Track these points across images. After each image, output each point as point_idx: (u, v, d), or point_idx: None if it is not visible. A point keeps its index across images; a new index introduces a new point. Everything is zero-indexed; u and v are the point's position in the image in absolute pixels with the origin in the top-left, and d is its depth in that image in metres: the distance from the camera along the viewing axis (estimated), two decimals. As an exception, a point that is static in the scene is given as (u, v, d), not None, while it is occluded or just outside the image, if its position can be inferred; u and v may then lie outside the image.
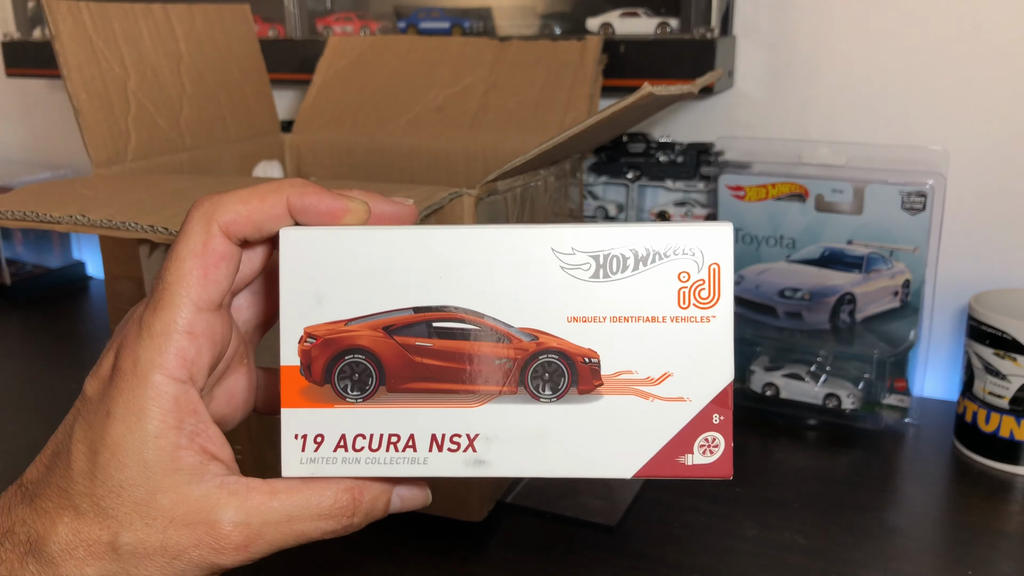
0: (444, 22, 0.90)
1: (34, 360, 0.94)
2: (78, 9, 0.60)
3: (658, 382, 0.33)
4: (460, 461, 0.33)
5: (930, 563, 0.56)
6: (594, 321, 0.33)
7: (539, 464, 0.33)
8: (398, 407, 0.34)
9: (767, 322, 0.76)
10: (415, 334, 0.34)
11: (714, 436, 0.33)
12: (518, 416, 0.33)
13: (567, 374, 0.33)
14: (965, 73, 0.76)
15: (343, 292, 0.33)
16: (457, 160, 0.77)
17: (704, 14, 0.78)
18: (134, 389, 0.31)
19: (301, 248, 0.33)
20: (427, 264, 0.33)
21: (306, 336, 0.34)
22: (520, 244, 0.33)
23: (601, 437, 0.33)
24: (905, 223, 0.70)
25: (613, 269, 0.33)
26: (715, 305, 0.33)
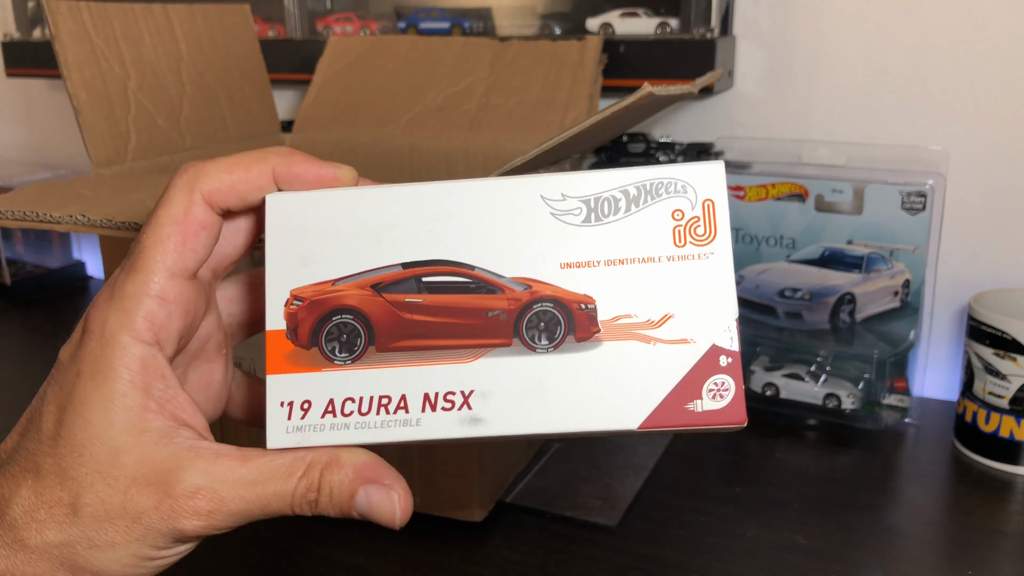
0: (444, 22, 0.90)
1: (34, 360, 0.94)
2: (78, 9, 0.60)
3: (659, 324, 0.31)
4: (455, 420, 0.31)
5: (930, 563, 0.56)
6: (588, 266, 0.32)
7: (539, 419, 0.31)
8: (389, 367, 0.32)
9: (767, 322, 0.76)
10: (404, 290, 0.32)
11: (723, 379, 0.31)
12: (514, 368, 0.31)
13: (563, 322, 0.32)
14: (965, 73, 0.76)
15: (330, 252, 0.32)
16: (457, 160, 0.77)
17: (704, 14, 0.78)
18: (102, 349, 0.30)
19: (287, 211, 0.32)
20: (415, 219, 0.32)
21: (292, 298, 0.32)
22: (509, 193, 0.32)
23: (603, 386, 0.31)
24: (905, 223, 0.70)
25: (604, 212, 0.32)
26: (712, 241, 0.32)
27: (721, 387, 0.31)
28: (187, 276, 0.31)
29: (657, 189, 0.32)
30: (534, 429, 0.31)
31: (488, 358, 0.32)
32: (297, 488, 0.31)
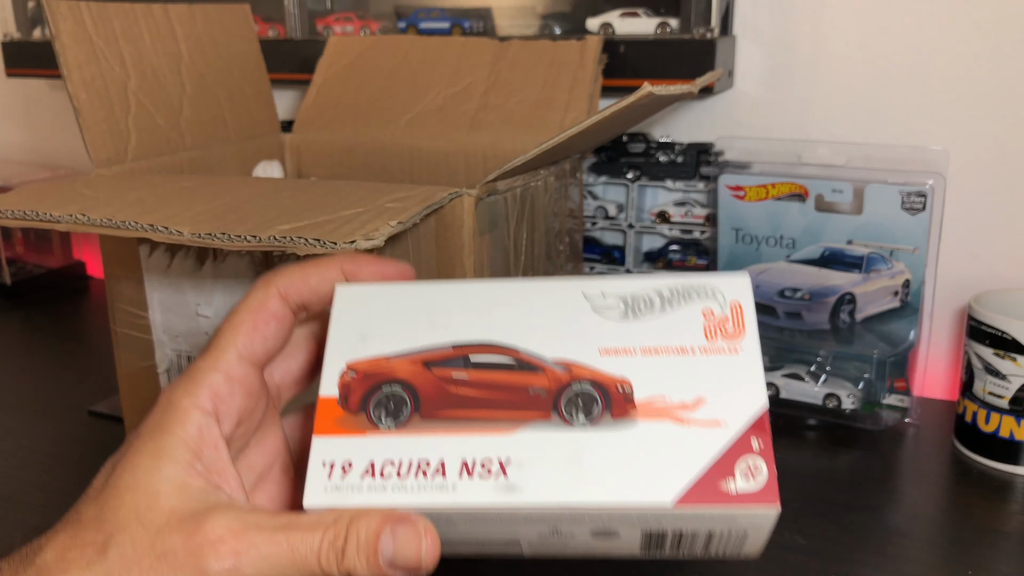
0: (444, 22, 0.90)
1: (34, 360, 0.94)
2: (78, 9, 0.60)
3: (692, 407, 0.33)
4: (491, 487, 0.32)
5: (930, 563, 0.56)
6: (626, 353, 0.34)
7: (574, 489, 0.32)
8: (431, 435, 0.33)
9: (767, 322, 0.76)
10: (452, 367, 0.35)
11: (755, 461, 0.32)
12: (552, 440, 0.33)
13: (600, 400, 0.34)
14: (965, 73, 0.76)
15: (387, 332, 0.35)
16: (457, 160, 0.77)
17: (704, 14, 0.78)
18: (164, 412, 0.32)
19: (352, 296, 0.36)
20: (467, 307, 0.36)
21: (348, 370, 0.35)
22: (553, 290, 0.36)
23: (638, 461, 0.32)
24: (905, 223, 0.70)
25: (641, 309, 0.35)
26: (741, 338, 0.35)
27: (753, 468, 0.32)
28: (255, 362, 0.34)
29: (689, 292, 0.36)
30: (568, 499, 0.31)
31: (527, 431, 0.33)
32: (325, 536, 0.31)
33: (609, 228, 0.87)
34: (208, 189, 0.54)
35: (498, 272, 0.58)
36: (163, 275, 0.63)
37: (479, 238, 0.54)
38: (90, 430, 0.77)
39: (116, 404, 0.77)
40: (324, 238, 0.43)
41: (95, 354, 0.94)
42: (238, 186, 0.54)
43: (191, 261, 0.61)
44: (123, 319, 0.65)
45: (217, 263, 0.61)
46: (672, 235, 0.85)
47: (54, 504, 0.65)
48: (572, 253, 0.73)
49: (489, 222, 0.55)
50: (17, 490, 0.67)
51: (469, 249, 0.54)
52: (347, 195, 0.50)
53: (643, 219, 0.86)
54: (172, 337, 0.64)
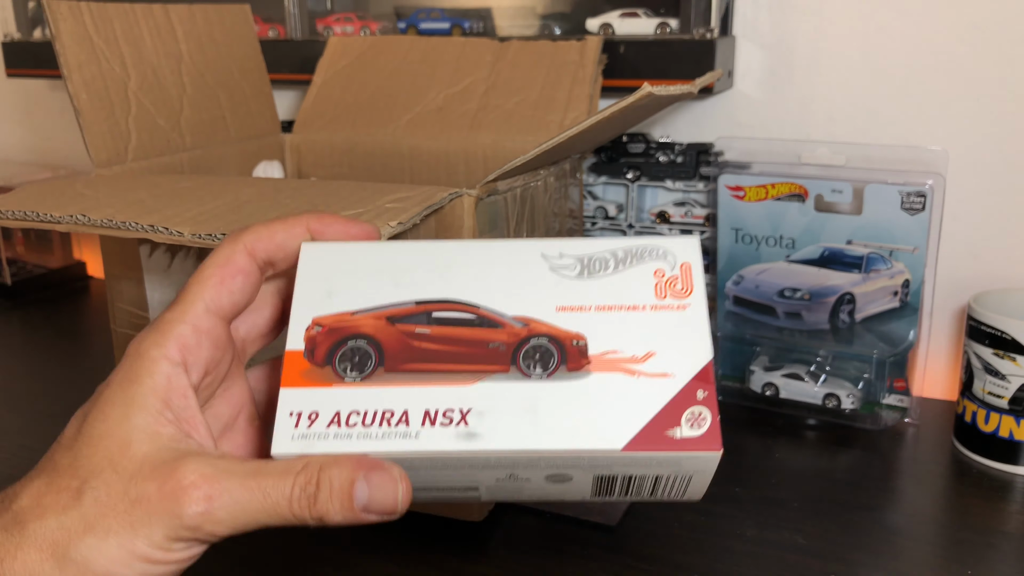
0: (444, 22, 0.90)
1: (35, 360, 0.94)
2: (79, 9, 0.61)
3: (643, 360, 0.35)
4: (452, 434, 0.34)
5: (930, 563, 0.56)
6: (580, 310, 0.36)
7: (530, 436, 0.33)
8: (394, 386, 0.35)
9: (767, 322, 0.76)
10: (415, 322, 0.36)
11: (700, 410, 0.34)
12: (510, 391, 0.35)
13: (556, 354, 0.36)
14: (964, 73, 0.76)
15: (352, 289, 0.36)
16: (457, 160, 0.77)
17: (704, 14, 0.78)
18: (132, 362, 0.33)
19: (318, 255, 0.37)
20: (429, 266, 0.37)
21: (314, 324, 0.36)
22: (513, 250, 0.38)
23: (591, 410, 0.34)
24: (904, 223, 0.70)
25: (596, 269, 0.37)
26: (689, 295, 0.37)
27: (698, 417, 0.34)
28: (221, 315, 0.35)
29: (642, 253, 0.38)
30: (525, 445, 0.33)
31: (486, 382, 0.35)
32: (296, 482, 0.31)
33: (609, 228, 0.87)
34: (208, 189, 0.54)
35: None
36: (163, 275, 0.63)
37: (479, 238, 0.54)
38: (90, 430, 0.77)
39: (116, 404, 0.77)
40: None
41: (95, 354, 0.94)
42: (238, 186, 0.55)
43: (191, 261, 0.61)
44: (123, 319, 0.65)
45: (217, 263, 0.61)
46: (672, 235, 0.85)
47: (54, 504, 0.65)
48: (572, 253, 0.74)
49: (489, 222, 0.56)
50: (17, 490, 0.67)
51: (469, 249, 0.54)
52: (347, 195, 0.51)
53: (643, 219, 0.86)
54: (172, 337, 0.64)
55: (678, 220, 0.84)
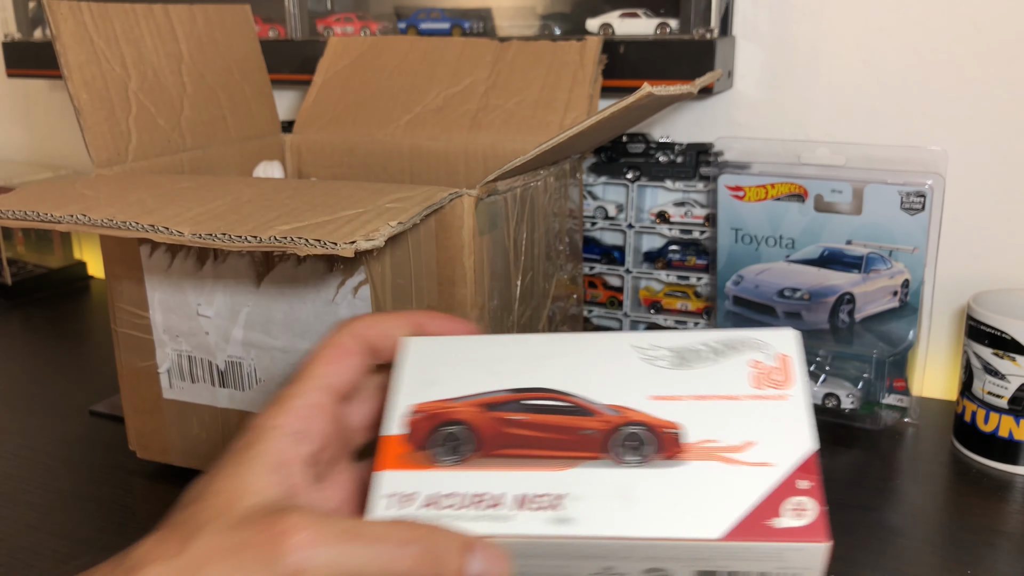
0: (444, 23, 0.90)
1: (35, 360, 0.94)
2: (79, 9, 0.61)
3: (741, 449, 0.35)
4: (544, 519, 0.33)
5: (929, 563, 0.56)
6: (675, 399, 0.37)
7: (625, 522, 0.33)
8: (488, 470, 0.35)
9: (766, 322, 0.76)
10: (510, 410, 0.37)
11: (803, 500, 0.33)
12: (604, 477, 0.34)
13: (650, 441, 0.36)
14: (964, 73, 0.76)
15: (449, 378, 0.38)
16: (457, 160, 0.77)
17: (703, 15, 0.78)
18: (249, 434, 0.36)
19: (417, 348, 0.39)
20: (523, 356, 0.39)
21: (413, 410, 0.37)
22: (604, 341, 0.39)
23: (688, 498, 0.33)
24: (904, 223, 0.70)
25: (690, 360, 0.38)
26: (789, 386, 0.37)
27: (800, 507, 0.33)
28: (332, 392, 0.38)
29: (736, 345, 0.38)
30: (619, 531, 0.33)
31: (580, 468, 0.35)
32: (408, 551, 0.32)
33: (609, 228, 0.87)
34: (208, 189, 0.54)
35: (497, 271, 0.58)
36: (164, 275, 0.63)
37: (479, 238, 0.54)
38: (91, 430, 0.77)
39: (117, 404, 0.77)
40: (324, 239, 0.43)
41: (96, 354, 0.94)
42: (239, 186, 0.55)
43: (192, 261, 0.62)
44: (124, 319, 0.65)
45: (218, 263, 0.61)
46: (672, 235, 0.85)
47: (55, 504, 0.65)
48: (572, 253, 0.74)
49: (489, 222, 0.56)
50: (17, 490, 0.67)
51: (469, 249, 0.54)
52: (347, 195, 0.51)
53: (643, 219, 0.86)
54: (173, 337, 0.64)
55: (678, 220, 0.84)
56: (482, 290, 0.56)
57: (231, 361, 0.63)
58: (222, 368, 0.63)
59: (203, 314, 0.62)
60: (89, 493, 0.67)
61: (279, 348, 0.61)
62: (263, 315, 0.60)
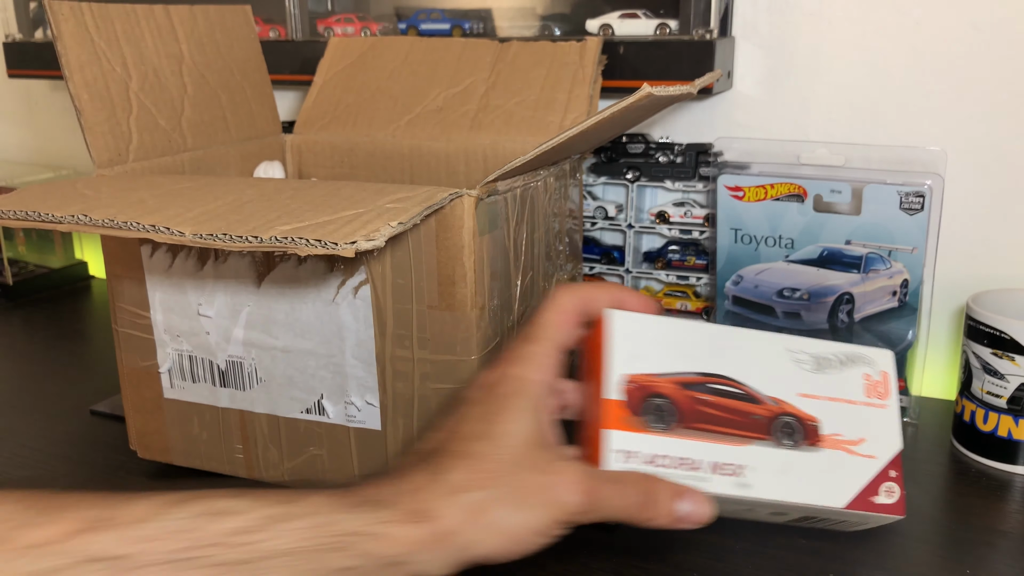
0: (444, 23, 0.90)
1: (36, 360, 0.94)
2: (80, 10, 0.61)
3: (857, 443, 0.48)
4: (731, 483, 0.46)
5: (929, 563, 0.56)
6: (815, 398, 0.48)
7: (784, 490, 0.46)
8: (688, 439, 0.46)
9: (765, 322, 0.76)
10: (700, 390, 0.47)
11: (892, 485, 0.48)
12: (769, 455, 0.47)
13: (799, 431, 0.48)
14: (963, 74, 0.76)
15: (651, 355, 0.46)
16: (458, 160, 0.78)
17: (703, 15, 0.78)
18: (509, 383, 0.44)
19: (622, 322, 0.46)
20: (709, 345, 0.48)
21: (628, 379, 0.46)
22: (769, 340, 0.49)
23: (823, 476, 0.47)
24: (903, 223, 0.70)
25: (824, 367, 0.49)
26: (886, 398, 0.49)
27: (890, 490, 0.48)
28: (563, 351, 0.46)
29: (855, 359, 0.49)
30: (781, 497, 0.46)
31: (753, 446, 0.47)
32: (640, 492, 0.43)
33: (609, 228, 0.87)
34: (209, 190, 0.54)
35: (497, 271, 0.58)
36: (164, 275, 0.63)
37: (479, 238, 0.54)
38: (92, 429, 0.77)
39: (117, 403, 0.77)
40: (325, 239, 0.43)
41: (97, 354, 0.94)
42: (239, 187, 0.55)
43: (193, 261, 0.62)
44: (125, 319, 0.66)
45: (218, 263, 0.61)
46: (671, 235, 0.85)
47: (56, 503, 0.65)
48: (572, 253, 0.74)
49: (489, 222, 0.56)
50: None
51: (469, 249, 0.54)
52: (348, 196, 0.51)
53: (642, 219, 0.86)
54: (173, 337, 0.64)
55: (677, 220, 0.84)
56: (482, 290, 0.56)
57: (232, 361, 0.63)
58: (223, 368, 0.63)
59: (204, 314, 0.62)
60: (90, 493, 0.67)
61: (280, 348, 0.61)
62: (264, 315, 0.61)
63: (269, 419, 0.63)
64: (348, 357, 0.59)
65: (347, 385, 0.60)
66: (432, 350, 0.57)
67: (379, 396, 0.59)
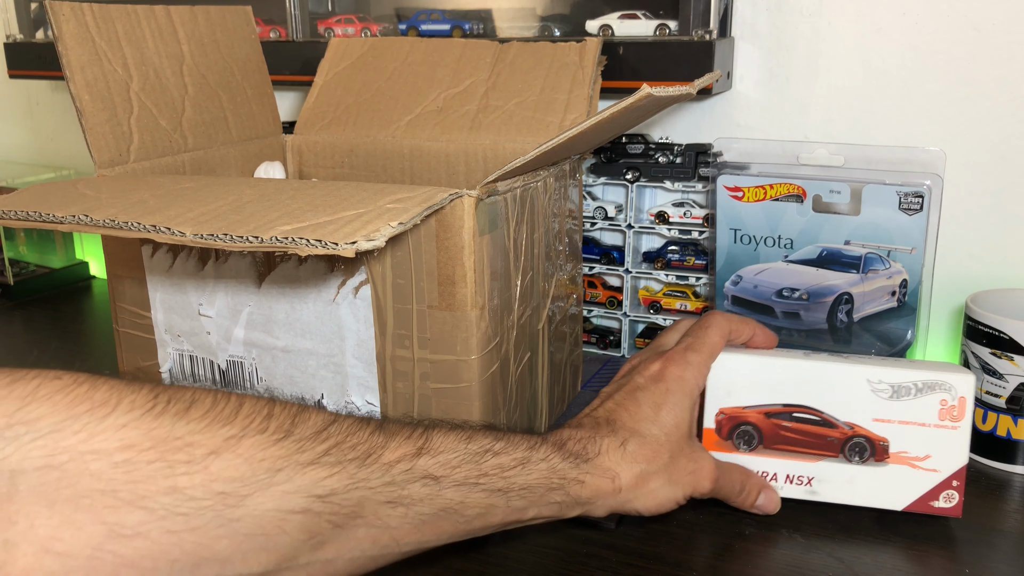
0: (444, 24, 0.91)
1: (37, 359, 0.94)
2: (81, 11, 0.61)
3: (922, 460, 0.58)
4: (801, 491, 0.60)
5: (929, 563, 0.56)
6: (888, 422, 0.58)
7: (847, 496, 0.59)
8: (769, 457, 0.60)
9: (765, 322, 0.76)
10: (783, 418, 0.59)
11: (952, 492, 0.58)
12: (838, 469, 0.59)
13: (869, 450, 0.58)
14: (962, 74, 0.76)
15: (742, 390, 0.59)
16: (458, 161, 0.78)
17: (703, 16, 0.78)
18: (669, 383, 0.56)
19: (724, 363, 0.59)
20: (792, 380, 0.59)
21: (720, 412, 0.60)
22: (849, 371, 0.58)
23: (886, 485, 0.58)
24: (902, 223, 0.70)
25: (902, 394, 0.57)
26: (959, 421, 0.57)
27: (950, 497, 0.58)
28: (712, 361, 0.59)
29: (934, 386, 0.57)
30: (843, 501, 0.60)
31: (823, 462, 0.59)
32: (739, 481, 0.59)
33: (608, 228, 0.88)
34: (210, 190, 0.54)
35: (497, 271, 0.58)
36: (165, 275, 0.63)
37: (479, 238, 0.55)
38: (92, 429, 0.77)
39: (118, 403, 0.77)
40: (325, 239, 0.43)
41: (98, 354, 0.94)
42: (240, 187, 0.55)
43: (193, 261, 0.62)
44: (126, 319, 0.66)
45: (219, 263, 0.61)
46: (671, 236, 0.85)
47: (57, 502, 0.65)
48: (571, 253, 0.74)
49: (489, 222, 0.56)
50: (20, 489, 0.67)
51: (469, 250, 0.54)
52: (348, 196, 0.51)
53: (642, 220, 0.86)
54: (174, 337, 0.64)
55: (677, 221, 0.84)
56: (482, 290, 0.56)
57: (232, 361, 0.63)
58: (223, 368, 0.63)
59: (204, 314, 0.63)
60: (91, 492, 0.67)
61: (280, 348, 0.61)
62: (264, 315, 0.61)
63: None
64: (348, 357, 0.59)
65: (347, 385, 0.60)
66: (432, 350, 0.57)
67: (379, 396, 0.60)
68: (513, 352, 0.62)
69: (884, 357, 0.60)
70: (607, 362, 0.87)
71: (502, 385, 0.61)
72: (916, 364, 0.59)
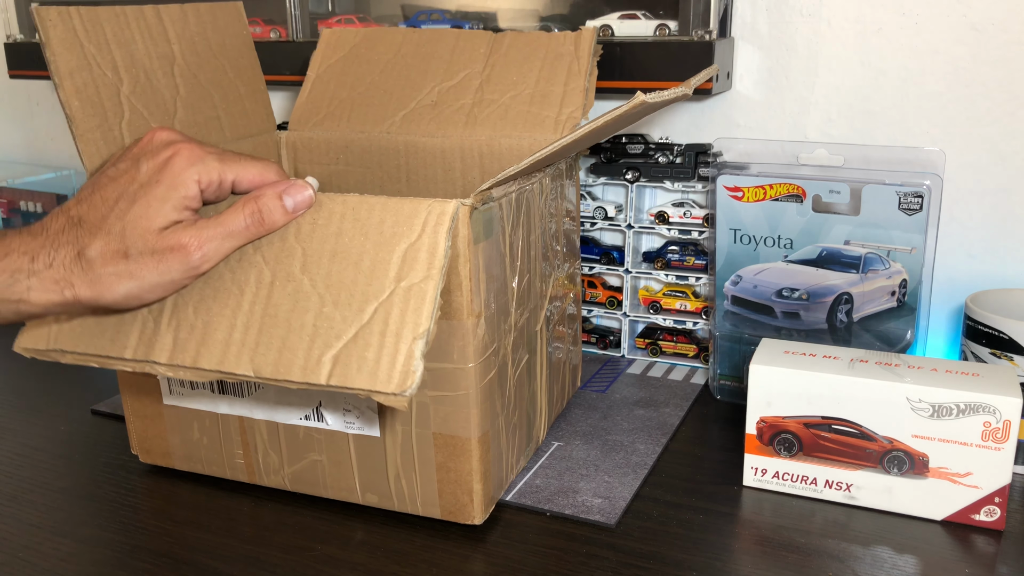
0: (445, 24, 0.90)
1: (37, 359, 0.94)
2: (68, 15, 0.59)
3: (964, 476, 0.58)
4: (841, 496, 0.62)
5: (929, 563, 0.56)
6: (928, 439, 0.58)
7: (887, 503, 0.61)
8: (809, 463, 0.62)
9: (765, 322, 0.76)
10: (822, 429, 0.61)
11: (993, 508, 0.58)
12: (877, 479, 0.60)
13: (908, 463, 0.59)
14: (962, 75, 0.76)
15: (783, 401, 0.62)
16: (453, 157, 0.77)
17: (703, 16, 0.78)
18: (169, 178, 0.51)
19: (763, 374, 0.62)
20: (831, 394, 0.60)
21: (760, 420, 0.63)
22: (888, 390, 0.59)
23: (925, 497, 0.59)
24: (902, 223, 0.70)
25: (943, 414, 0.57)
26: (1003, 443, 0.57)
27: (991, 511, 0.58)
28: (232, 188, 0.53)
29: (978, 407, 0.56)
30: (883, 508, 0.61)
31: (863, 471, 0.61)
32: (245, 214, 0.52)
33: (608, 228, 0.87)
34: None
35: (493, 275, 0.58)
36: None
37: (474, 247, 0.54)
38: (92, 429, 0.77)
39: (118, 403, 0.77)
40: (375, 388, 0.42)
41: (97, 354, 0.94)
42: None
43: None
44: (122, 322, 0.66)
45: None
46: (671, 236, 0.85)
47: (57, 503, 0.65)
48: (569, 253, 0.74)
49: (484, 230, 0.56)
50: (20, 489, 0.67)
51: (464, 258, 0.54)
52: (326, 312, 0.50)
53: (642, 220, 0.86)
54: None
55: (676, 221, 0.84)
56: (478, 298, 0.56)
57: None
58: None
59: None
60: (91, 492, 0.67)
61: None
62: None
63: (268, 425, 0.63)
64: (344, 361, 0.59)
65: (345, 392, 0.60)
66: (429, 358, 0.57)
67: (377, 403, 0.59)
68: (511, 356, 0.62)
69: (928, 372, 0.59)
70: (607, 362, 0.87)
71: (500, 390, 0.60)
72: (961, 382, 0.58)
